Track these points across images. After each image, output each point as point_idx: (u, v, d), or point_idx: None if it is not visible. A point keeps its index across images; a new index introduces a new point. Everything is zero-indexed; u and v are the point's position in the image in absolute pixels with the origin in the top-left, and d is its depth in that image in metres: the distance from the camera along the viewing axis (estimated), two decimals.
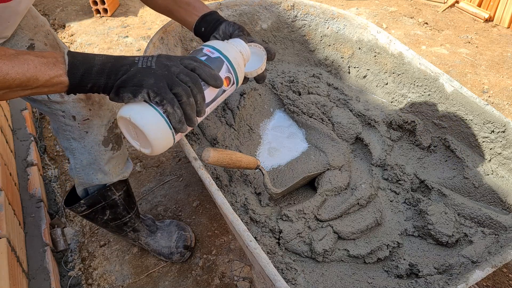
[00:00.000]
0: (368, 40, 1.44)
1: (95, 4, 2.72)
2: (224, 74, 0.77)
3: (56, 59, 0.64)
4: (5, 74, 0.59)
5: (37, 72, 0.62)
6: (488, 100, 2.14)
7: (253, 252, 0.77)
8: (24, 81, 0.61)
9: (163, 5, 1.02)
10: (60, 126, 0.98)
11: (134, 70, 0.66)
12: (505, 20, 2.73)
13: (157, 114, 0.66)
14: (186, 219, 1.51)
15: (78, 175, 1.05)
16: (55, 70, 0.63)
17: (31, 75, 0.61)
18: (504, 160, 1.14)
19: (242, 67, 0.83)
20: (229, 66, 0.78)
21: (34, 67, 0.61)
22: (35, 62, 0.62)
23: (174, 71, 0.67)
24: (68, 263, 1.37)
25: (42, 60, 0.62)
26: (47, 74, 0.63)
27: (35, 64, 0.62)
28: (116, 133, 1.07)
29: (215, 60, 0.76)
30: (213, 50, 0.77)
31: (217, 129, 1.31)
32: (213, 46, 0.79)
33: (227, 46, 0.81)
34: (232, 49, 0.81)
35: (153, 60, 0.68)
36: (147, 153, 0.72)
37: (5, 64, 0.59)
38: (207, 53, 0.77)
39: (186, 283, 1.31)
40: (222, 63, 0.77)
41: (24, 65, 0.61)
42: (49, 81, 0.63)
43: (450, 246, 1.08)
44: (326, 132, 1.34)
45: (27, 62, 0.61)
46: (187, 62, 0.70)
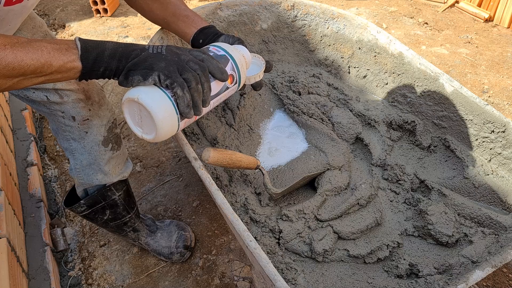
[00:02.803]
0: (368, 40, 1.44)
1: (95, 4, 2.72)
2: (228, 71, 0.79)
3: (68, 45, 0.65)
4: (20, 61, 0.60)
5: (51, 58, 0.63)
6: (488, 100, 2.14)
7: (253, 252, 0.77)
8: (38, 67, 0.62)
9: (161, 17, 1.04)
10: (59, 127, 0.98)
11: (145, 54, 0.68)
12: (505, 20, 2.73)
13: (165, 96, 0.68)
14: (186, 219, 1.51)
15: (78, 176, 1.05)
16: (68, 56, 0.64)
17: (45, 60, 0.62)
18: (504, 160, 1.14)
19: (244, 69, 0.85)
20: (234, 65, 0.81)
21: (47, 53, 0.62)
22: (48, 48, 0.63)
23: (184, 59, 0.70)
24: (68, 263, 1.37)
25: (55, 46, 0.63)
26: (61, 59, 0.64)
27: (48, 50, 0.63)
28: (116, 133, 1.07)
29: (221, 57, 0.79)
30: (219, 49, 0.81)
31: (217, 129, 1.31)
32: (219, 46, 0.82)
33: (232, 47, 0.84)
34: (236, 51, 0.84)
35: (163, 48, 0.70)
36: (149, 139, 0.72)
37: (19, 51, 0.60)
38: (214, 51, 0.80)
39: (186, 283, 1.31)
40: (228, 61, 0.80)
41: (38, 52, 0.62)
42: (63, 66, 0.64)
43: (450, 246, 1.08)
44: (326, 132, 1.34)
45: (41, 49, 0.62)
46: (196, 53, 0.73)
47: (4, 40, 0.60)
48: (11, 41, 0.60)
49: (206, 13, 1.40)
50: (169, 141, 1.84)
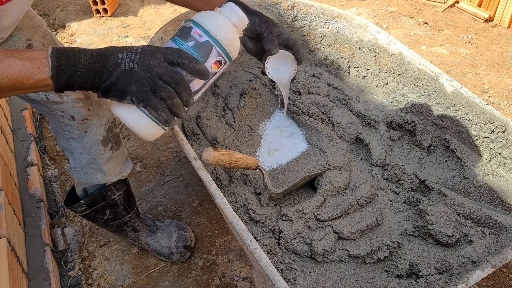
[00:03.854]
0: (368, 40, 1.44)
1: (95, 4, 2.72)
2: (214, 58, 0.74)
3: (40, 61, 0.64)
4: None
5: (22, 77, 0.62)
6: (488, 100, 2.14)
7: (253, 252, 0.77)
8: (10, 85, 0.62)
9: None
10: (59, 126, 0.98)
11: (117, 74, 0.65)
12: (505, 20, 2.73)
13: (143, 115, 0.68)
14: (186, 219, 1.51)
15: (77, 175, 1.05)
16: (39, 75, 0.64)
17: (16, 79, 0.62)
18: (504, 160, 1.14)
19: (235, 42, 0.77)
20: (219, 49, 0.74)
21: (18, 72, 0.62)
22: (18, 67, 0.62)
23: (157, 72, 0.66)
24: (68, 263, 1.37)
25: (26, 64, 0.62)
26: (32, 79, 0.63)
27: (19, 69, 0.62)
28: (115, 133, 1.07)
29: (203, 45, 0.73)
30: (202, 32, 0.73)
31: (217, 129, 1.31)
32: (202, 27, 0.73)
33: (218, 22, 0.75)
34: (223, 25, 0.75)
35: (136, 59, 0.66)
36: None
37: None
38: (195, 36, 0.73)
39: (186, 283, 1.31)
40: (211, 48, 0.73)
41: (9, 70, 0.61)
42: (34, 85, 0.64)
43: (450, 246, 1.08)
44: (326, 132, 1.34)
45: (12, 67, 0.61)
46: (171, 57, 0.68)
47: None
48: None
49: None
50: (169, 141, 1.84)
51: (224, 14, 0.77)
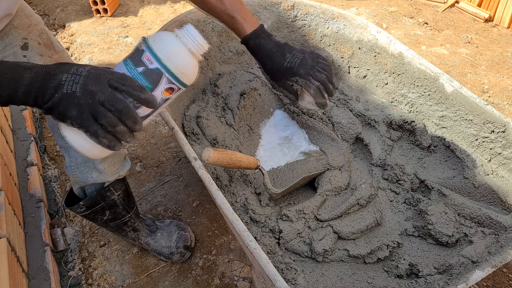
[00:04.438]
0: (368, 40, 1.44)
1: (95, 4, 2.73)
2: (164, 86, 0.70)
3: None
4: None
5: None
6: (488, 100, 2.14)
7: (253, 252, 0.77)
8: None
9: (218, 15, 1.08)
10: (55, 124, 0.98)
11: (58, 96, 0.63)
12: (505, 20, 2.73)
13: (86, 138, 0.66)
14: (186, 219, 1.51)
15: (73, 173, 1.05)
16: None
17: None
18: (504, 160, 1.14)
19: (190, 69, 0.73)
20: (170, 77, 0.70)
21: None
22: None
23: (99, 99, 0.63)
24: (68, 263, 1.37)
25: None
26: None
27: None
28: None
29: (153, 72, 0.69)
30: (152, 59, 0.69)
31: (217, 129, 1.31)
32: (154, 53, 0.69)
33: (171, 48, 0.71)
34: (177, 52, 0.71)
35: (79, 83, 0.64)
36: None
37: None
38: (145, 62, 0.69)
39: (186, 283, 1.31)
40: (161, 75, 0.69)
41: None
42: None
43: (450, 246, 1.08)
44: (326, 132, 1.34)
45: None
46: (116, 84, 0.65)
47: None
48: None
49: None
50: (169, 141, 1.84)
51: (180, 39, 0.72)
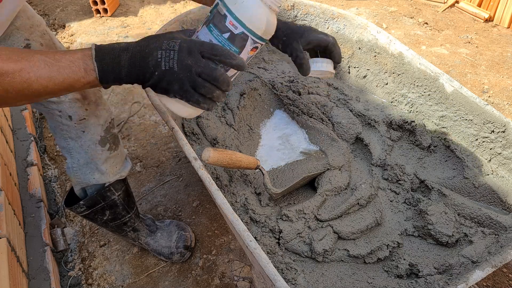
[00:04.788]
0: (368, 40, 1.44)
1: (95, 4, 2.73)
2: (250, 46, 0.76)
3: (86, 64, 0.67)
4: (45, 87, 0.65)
5: (71, 82, 0.67)
6: (488, 100, 2.14)
7: (253, 252, 0.77)
8: (62, 89, 0.67)
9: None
10: (57, 126, 0.98)
11: (158, 74, 0.69)
12: (505, 20, 2.73)
13: (187, 104, 0.74)
14: (186, 219, 1.51)
15: (75, 174, 1.05)
16: (87, 77, 0.68)
17: (67, 84, 0.67)
18: (504, 160, 1.14)
19: (271, 25, 0.77)
20: (255, 38, 0.75)
21: (68, 77, 0.66)
22: (67, 71, 0.66)
23: (196, 71, 0.69)
24: (68, 263, 1.37)
25: (74, 69, 0.67)
26: (81, 82, 0.68)
27: (68, 74, 0.66)
28: (113, 133, 1.07)
29: (239, 37, 0.74)
30: (237, 23, 0.73)
31: (217, 129, 1.31)
32: (237, 17, 0.73)
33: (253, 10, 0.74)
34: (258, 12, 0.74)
35: (175, 58, 0.69)
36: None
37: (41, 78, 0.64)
38: (230, 28, 0.73)
39: (186, 283, 1.31)
40: (246, 39, 0.74)
41: (59, 77, 0.66)
42: (83, 86, 0.69)
43: (450, 246, 1.08)
44: (326, 132, 1.34)
45: (61, 73, 0.66)
46: (209, 55, 0.70)
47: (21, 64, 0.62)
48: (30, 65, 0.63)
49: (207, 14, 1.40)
50: (169, 141, 1.84)
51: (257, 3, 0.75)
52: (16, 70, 0.62)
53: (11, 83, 0.63)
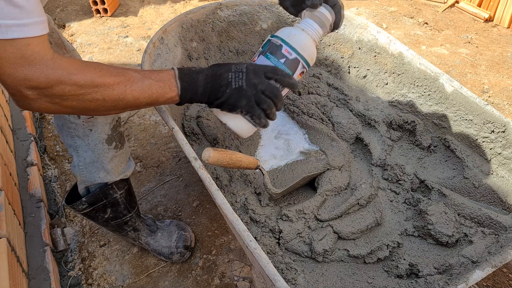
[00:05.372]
0: (368, 40, 1.44)
1: (95, 4, 2.73)
2: (300, 70, 0.90)
3: (170, 82, 0.80)
4: (136, 99, 0.76)
5: (158, 96, 0.78)
6: (488, 100, 2.14)
7: (253, 252, 0.77)
8: (149, 102, 0.78)
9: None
10: (64, 124, 0.98)
11: (229, 92, 0.81)
12: (505, 20, 2.73)
13: (246, 121, 0.87)
14: (186, 219, 1.51)
15: (80, 173, 1.05)
16: (170, 93, 0.80)
17: (154, 97, 0.78)
18: (504, 160, 1.14)
19: (314, 54, 0.93)
20: (304, 63, 0.90)
21: (156, 92, 0.77)
22: (156, 87, 0.77)
23: (261, 89, 0.81)
24: (68, 263, 1.37)
25: (161, 85, 0.78)
26: (165, 97, 0.80)
27: (156, 89, 0.77)
28: (120, 132, 1.07)
29: (293, 62, 0.88)
30: (291, 51, 0.88)
31: (217, 129, 1.31)
32: (292, 46, 0.88)
33: (303, 40, 0.89)
34: (307, 43, 0.90)
35: (243, 78, 0.81)
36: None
37: (136, 91, 0.75)
38: (286, 54, 0.88)
39: (186, 283, 1.31)
40: (298, 63, 0.89)
41: (149, 91, 0.76)
42: (166, 101, 0.81)
43: (450, 246, 1.08)
44: (326, 132, 1.34)
45: (151, 88, 0.77)
46: (271, 75, 0.83)
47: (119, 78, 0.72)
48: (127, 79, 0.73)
49: (206, 13, 1.40)
50: (169, 141, 1.84)
51: (306, 32, 0.91)
52: (116, 83, 0.72)
53: (110, 94, 0.71)
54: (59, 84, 0.66)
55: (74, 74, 0.67)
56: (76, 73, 0.67)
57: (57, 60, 0.65)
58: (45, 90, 0.65)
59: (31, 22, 0.61)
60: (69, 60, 0.68)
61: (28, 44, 0.61)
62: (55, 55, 0.66)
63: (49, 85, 0.65)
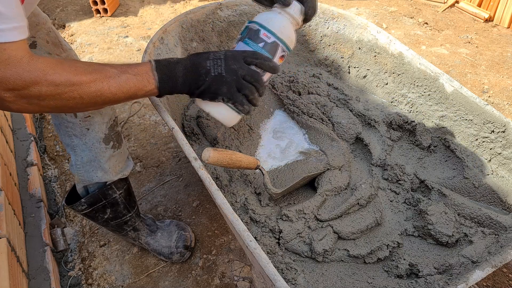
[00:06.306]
0: (368, 40, 1.44)
1: (95, 4, 2.72)
2: (280, 54, 0.88)
3: (148, 75, 0.79)
4: (114, 95, 0.75)
5: (136, 90, 0.78)
6: (488, 100, 2.14)
7: (253, 252, 0.77)
8: (128, 97, 0.78)
9: None
10: (61, 123, 0.98)
11: (209, 80, 0.80)
12: (505, 20, 2.73)
13: (229, 108, 0.86)
14: (186, 219, 1.51)
15: (78, 172, 1.05)
16: (149, 87, 0.79)
17: (132, 92, 0.77)
18: (504, 160, 1.14)
19: (294, 37, 0.91)
20: (284, 46, 0.88)
21: (134, 86, 0.77)
22: (133, 81, 0.77)
23: (241, 74, 0.80)
24: (68, 263, 1.37)
25: (139, 79, 0.78)
26: (143, 90, 0.79)
27: (134, 83, 0.77)
28: (117, 131, 1.07)
29: (272, 45, 0.87)
30: (269, 34, 0.86)
31: (217, 129, 1.31)
32: (269, 29, 0.86)
33: (281, 23, 0.88)
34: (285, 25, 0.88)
35: (222, 66, 0.80)
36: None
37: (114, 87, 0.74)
38: (264, 38, 0.86)
39: (186, 283, 1.31)
40: (278, 46, 0.87)
41: (126, 86, 0.76)
42: (144, 94, 0.80)
43: (450, 246, 1.08)
44: (326, 132, 1.34)
45: (128, 83, 0.76)
46: (251, 59, 0.82)
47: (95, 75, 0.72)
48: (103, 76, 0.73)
49: (206, 13, 1.40)
50: (169, 141, 1.84)
51: (283, 15, 0.89)
52: (92, 80, 0.71)
53: (87, 91, 0.71)
54: (35, 85, 0.66)
55: (50, 75, 0.67)
56: (51, 73, 0.67)
57: (33, 62, 0.66)
58: (22, 91, 0.65)
59: (8, 28, 0.61)
60: (46, 61, 0.68)
61: (4, 49, 0.62)
62: (32, 57, 0.66)
63: (25, 87, 0.65)
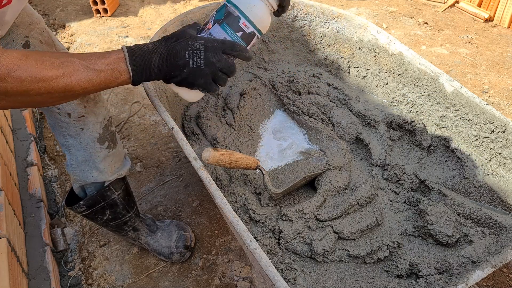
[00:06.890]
0: (368, 40, 1.44)
1: (95, 4, 2.72)
2: (254, 41, 0.91)
3: (121, 67, 0.76)
4: (84, 88, 0.73)
5: (107, 82, 0.76)
6: (488, 100, 2.14)
7: (253, 252, 0.77)
8: (99, 89, 0.76)
9: None
10: (56, 123, 0.98)
11: (186, 71, 0.80)
12: (505, 20, 2.73)
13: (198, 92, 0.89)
14: (186, 219, 1.51)
15: (73, 172, 1.05)
16: (121, 78, 0.77)
17: (103, 85, 0.75)
18: (504, 160, 1.14)
19: (269, 23, 0.92)
20: (259, 35, 0.90)
21: (104, 79, 0.75)
22: (104, 74, 0.75)
23: (219, 67, 0.81)
24: (68, 263, 1.37)
25: (110, 72, 0.75)
26: (116, 82, 0.77)
27: (105, 76, 0.75)
28: (112, 131, 1.07)
29: (249, 35, 0.88)
30: (249, 24, 0.87)
31: (217, 129, 1.31)
32: (250, 20, 0.86)
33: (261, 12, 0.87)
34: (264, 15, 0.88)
35: (201, 58, 0.79)
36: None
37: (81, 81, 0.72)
38: (243, 28, 0.86)
39: (186, 283, 1.31)
40: (254, 36, 0.89)
41: (97, 79, 0.74)
42: (117, 85, 0.79)
43: (450, 246, 1.08)
44: (326, 132, 1.34)
45: (99, 76, 0.74)
46: (229, 51, 0.83)
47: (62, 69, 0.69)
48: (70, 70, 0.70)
49: (206, 13, 1.40)
50: (169, 141, 1.84)
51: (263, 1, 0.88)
52: (59, 75, 0.69)
53: (55, 87, 0.69)
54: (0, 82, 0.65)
55: (14, 71, 0.65)
56: (16, 69, 0.65)
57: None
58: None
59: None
60: (12, 56, 0.67)
61: None
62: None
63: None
